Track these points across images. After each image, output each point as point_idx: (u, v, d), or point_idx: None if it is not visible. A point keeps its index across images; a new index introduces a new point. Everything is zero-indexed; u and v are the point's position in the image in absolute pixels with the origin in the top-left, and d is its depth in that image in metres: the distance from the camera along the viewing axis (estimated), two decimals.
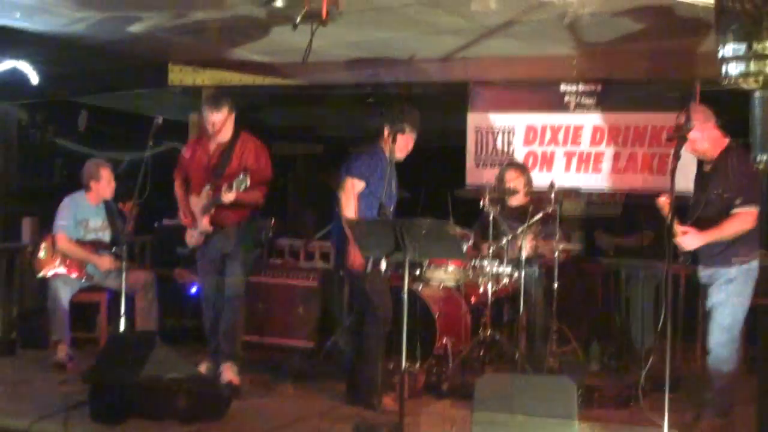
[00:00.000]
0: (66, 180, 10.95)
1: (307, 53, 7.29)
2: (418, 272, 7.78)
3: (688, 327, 8.50)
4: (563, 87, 9.20)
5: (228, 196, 7.22)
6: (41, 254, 8.37)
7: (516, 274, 7.73)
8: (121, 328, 7.13)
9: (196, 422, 6.18)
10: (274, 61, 9.78)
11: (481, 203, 7.76)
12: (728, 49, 4.73)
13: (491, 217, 7.71)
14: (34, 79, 9.35)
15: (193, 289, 8.95)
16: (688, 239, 6.30)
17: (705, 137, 6.40)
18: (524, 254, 7.63)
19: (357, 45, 8.92)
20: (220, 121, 7.46)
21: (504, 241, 7.74)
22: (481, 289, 7.83)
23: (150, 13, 8.09)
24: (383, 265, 6.23)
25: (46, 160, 13.00)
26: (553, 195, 7.71)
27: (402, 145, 7.05)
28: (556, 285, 7.65)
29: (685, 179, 8.21)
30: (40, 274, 8.34)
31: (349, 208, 6.96)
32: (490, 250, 7.70)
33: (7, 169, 11.50)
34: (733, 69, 4.72)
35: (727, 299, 6.33)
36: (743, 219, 6.25)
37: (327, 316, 8.98)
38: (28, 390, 7.17)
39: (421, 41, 8.69)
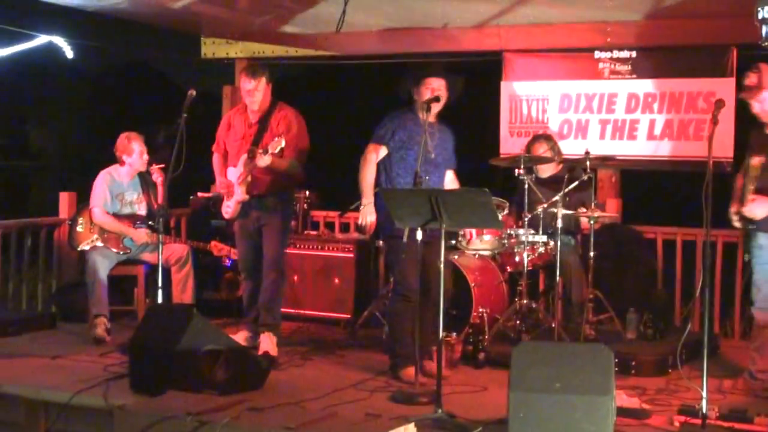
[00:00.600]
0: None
1: (341, 23, 7.27)
2: (453, 242, 7.76)
3: (727, 293, 8.50)
4: (597, 54, 9.14)
5: (263, 159, 7.22)
6: (79, 228, 8.42)
7: (551, 243, 7.70)
8: (159, 300, 7.18)
9: (235, 393, 6.21)
10: (306, 33, 9.76)
11: (516, 172, 7.73)
12: None
13: (526, 186, 7.67)
14: (69, 53, 9.37)
15: (227, 261, 8.98)
16: (757, 206, 6.25)
17: None
18: (559, 223, 7.59)
19: (389, 15, 8.89)
20: (257, 91, 7.47)
21: (539, 209, 7.71)
22: (517, 258, 7.80)
23: None
24: (419, 235, 6.20)
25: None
26: (588, 162, 7.66)
27: (428, 95, 6.87)
28: (592, 253, 7.62)
29: (722, 147, 8.20)
30: (79, 248, 8.38)
31: (365, 174, 6.95)
32: (526, 219, 7.67)
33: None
34: None
35: None
36: None
37: (363, 287, 8.99)
38: (69, 363, 7.22)
39: (454, 9, 8.65)
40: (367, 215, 7.01)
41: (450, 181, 7.25)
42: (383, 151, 7.01)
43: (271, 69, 7.78)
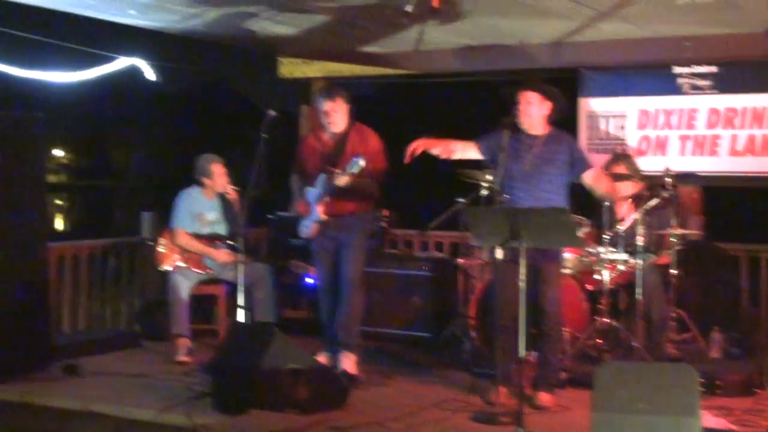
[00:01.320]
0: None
1: (419, 42, 7.27)
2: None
3: None
4: (676, 69, 9.02)
5: (341, 179, 7.23)
6: (160, 248, 8.49)
7: (632, 261, 7.60)
8: (240, 319, 7.22)
9: (317, 412, 6.21)
10: (384, 51, 9.78)
11: None
12: None
13: (606, 204, 7.59)
14: (152, 75, 9.49)
15: (310, 280, 8.99)
16: None
17: None
18: (640, 241, 7.49)
19: (467, 33, 8.87)
20: (335, 112, 7.49)
21: (619, 228, 7.62)
22: (597, 277, 7.71)
23: (261, 7, 8.16)
24: (499, 253, 6.16)
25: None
26: (668, 179, 7.55)
27: (524, 109, 6.84)
28: (674, 272, 7.50)
29: None
30: (161, 268, 8.46)
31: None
32: (606, 238, 7.58)
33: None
34: None
35: None
36: None
37: (442, 306, 8.95)
38: (152, 381, 7.29)
39: (530, 26, 8.61)
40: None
41: (592, 178, 7.10)
42: (472, 147, 7.00)
43: (348, 88, 7.81)
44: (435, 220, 8.61)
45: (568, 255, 7.67)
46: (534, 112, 6.83)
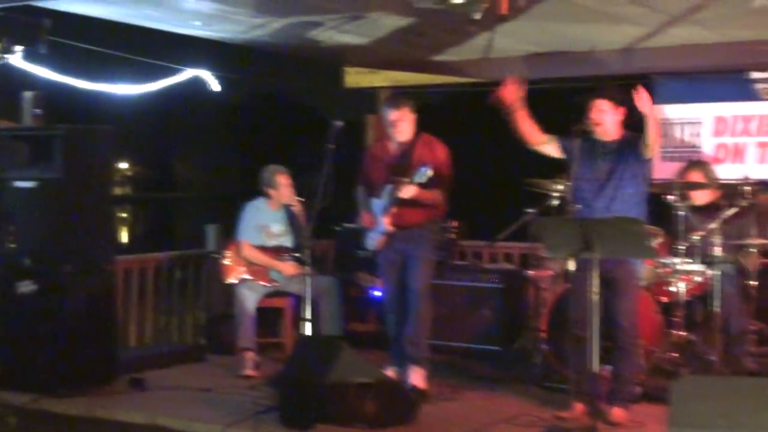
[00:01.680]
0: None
1: (488, 49, 7.26)
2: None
3: None
4: (754, 74, 8.91)
5: (407, 190, 7.24)
6: (226, 261, 8.55)
7: (709, 273, 7.51)
8: (307, 333, 7.25)
9: (385, 427, 6.22)
10: (451, 60, 9.78)
11: (669, 199, 7.57)
12: None
13: (681, 214, 7.51)
14: (215, 86, 9.59)
15: (377, 293, 9.01)
16: None
17: None
18: (717, 251, 7.40)
19: (535, 40, 8.85)
20: (401, 122, 7.51)
21: (695, 237, 7.53)
22: (672, 288, 7.63)
23: (326, 16, 8.21)
24: (571, 265, 6.13)
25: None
26: (747, 188, 7.45)
27: (596, 117, 6.76)
28: (754, 283, 7.40)
29: None
30: (226, 281, 8.53)
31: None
32: (681, 248, 7.50)
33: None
34: None
35: None
36: None
37: (513, 319, 8.92)
38: (218, 395, 7.35)
39: (600, 32, 8.56)
40: None
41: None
42: (551, 141, 6.96)
43: (414, 98, 7.82)
44: (504, 231, 8.58)
45: (641, 266, 7.60)
46: (606, 119, 6.78)
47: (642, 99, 6.38)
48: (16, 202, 7.49)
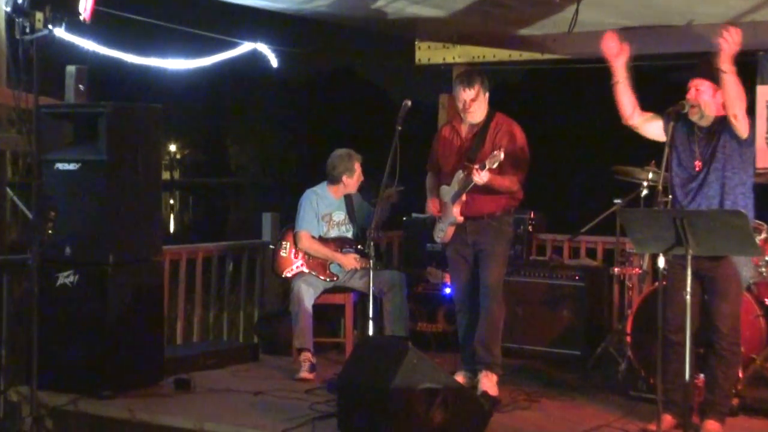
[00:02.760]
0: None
1: (573, 23, 7.20)
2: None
3: None
4: None
5: (481, 176, 7.20)
6: (282, 253, 8.59)
7: None
8: (369, 332, 7.27)
9: None
10: (533, 34, 9.74)
11: None
12: None
13: None
14: (274, 62, 9.63)
15: (448, 290, 9.01)
16: None
17: None
18: None
19: (626, 12, 8.78)
20: (474, 101, 7.49)
21: None
22: None
23: None
24: (661, 262, 6.08)
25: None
26: None
27: (695, 98, 6.63)
28: None
29: None
30: (283, 275, 8.56)
31: None
32: None
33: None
34: None
35: None
36: None
37: (596, 320, 8.88)
38: (272, 399, 7.39)
39: (701, 4, 8.47)
40: None
41: None
42: (656, 119, 6.85)
43: (491, 75, 7.79)
44: (588, 224, 8.53)
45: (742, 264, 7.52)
46: (706, 101, 6.67)
47: (728, 43, 6.27)
48: (57, 185, 7.51)
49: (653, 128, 6.88)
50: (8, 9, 7.01)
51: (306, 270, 8.50)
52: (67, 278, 7.46)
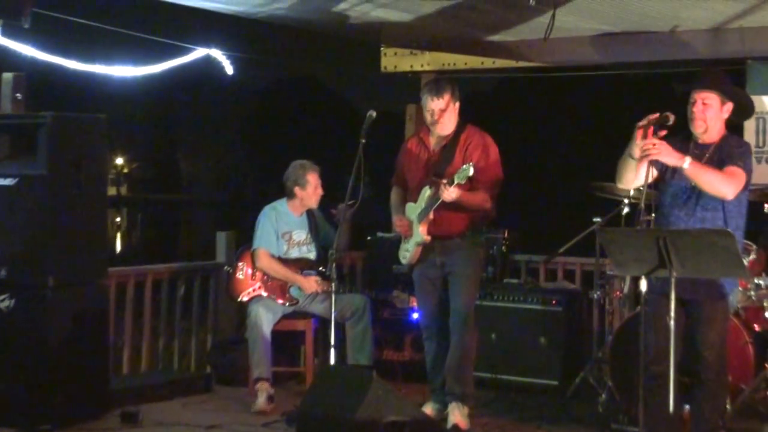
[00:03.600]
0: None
1: (550, 28, 7.24)
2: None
3: None
4: None
5: (449, 193, 7.20)
6: (239, 275, 8.58)
7: None
8: (331, 361, 7.26)
9: None
10: (506, 40, 9.79)
11: (766, 207, 7.55)
12: None
13: None
14: (229, 68, 9.62)
15: (415, 315, 9.01)
16: None
17: None
18: None
19: (606, 17, 8.84)
20: (442, 111, 7.50)
21: None
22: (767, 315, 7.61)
23: None
24: (643, 285, 6.11)
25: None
26: None
27: (699, 112, 6.53)
28: None
29: None
30: (238, 299, 8.55)
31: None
32: None
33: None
34: None
35: None
36: None
37: (574, 348, 8.90)
38: None
39: (685, 9, 8.53)
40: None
41: None
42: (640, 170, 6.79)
43: (461, 83, 7.81)
44: (565, 244, 8.56)
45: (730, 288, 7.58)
46: (711, 116, 6.64)
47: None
48: None
49: (643, 173, 6.66)
50: None
51: (264, 293, 8.49)
52: (2, 302, 7.42)
